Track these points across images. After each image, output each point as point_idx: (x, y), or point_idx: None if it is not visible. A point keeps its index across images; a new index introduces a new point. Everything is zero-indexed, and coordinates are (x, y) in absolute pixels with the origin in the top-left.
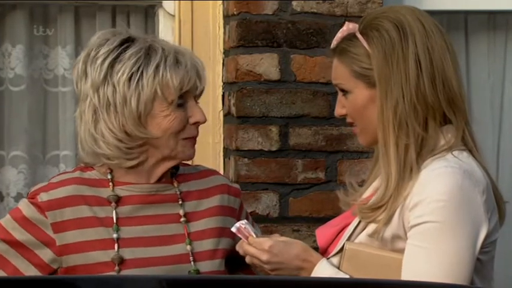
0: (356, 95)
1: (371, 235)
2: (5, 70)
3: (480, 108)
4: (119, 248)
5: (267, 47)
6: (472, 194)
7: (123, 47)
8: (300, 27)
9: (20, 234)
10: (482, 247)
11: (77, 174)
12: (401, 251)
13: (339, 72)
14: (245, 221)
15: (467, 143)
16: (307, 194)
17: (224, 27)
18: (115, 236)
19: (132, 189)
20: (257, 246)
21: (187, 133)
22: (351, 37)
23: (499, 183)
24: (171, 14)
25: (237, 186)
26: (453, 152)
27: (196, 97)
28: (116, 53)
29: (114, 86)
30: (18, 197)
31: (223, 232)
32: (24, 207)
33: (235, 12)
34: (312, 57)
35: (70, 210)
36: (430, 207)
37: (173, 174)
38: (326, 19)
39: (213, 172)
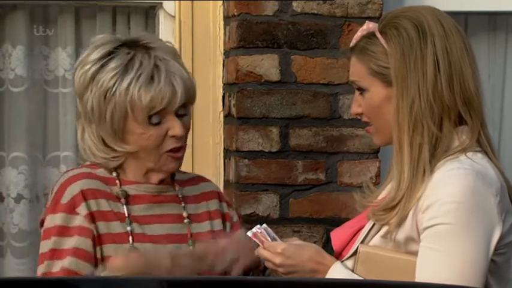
0: (372, 93)
1: (384, 236)
2: (6, 71)
3: None
4: (133, 241)
5: (268, 48)
6: (485, 195)
7: (108, 57)
8: (301, 28)
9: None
10: (496, 249)
11: (89, 169)
12: (415, 253)
13: (357, 70)
14: (265, 225)
15: (483, 145)
16: (307, 195)
17: (224, 28)
18: (129, 228)
19: (139, 189)
20: (271, 250)
21: (166, 146)
22: (370, 36)
23: None
24: (171, 15)
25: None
26: (467, 154)
27: (181, 108)
28: (100, 64)
29: (92, 100)
30: (18, 198)
31: (221, 235)
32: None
33: (235, 13)
34: (312, 58)
35: (94, 203)
36: (443, 209)
37: (172, 177)
38: (326, 20)
39: (204, 179)
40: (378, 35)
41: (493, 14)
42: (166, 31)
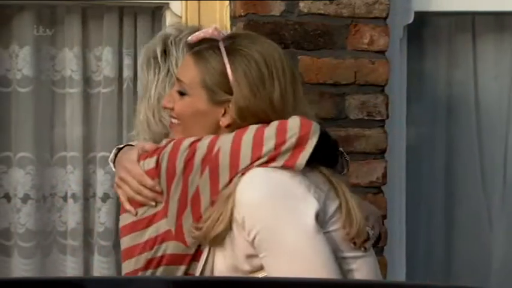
0: (194, 103)
1: (225, 261)
2: (13, 71)
3: (487, 110)
4: None
5: None
6: (280, 182)
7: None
8: (307, 29)
9: None
10: (326, 221)
11: None
12: (260, 266)
13: (190, 75)
14: None
15: None
16: None
17: (231, 28)
18: None
19: None
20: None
21: None
22: (213, 45)
23: (506, 190)
24: (178, 15)
25: None
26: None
27: None
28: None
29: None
30: (25, 198)
31: None
32: None
33: (242, 13)
34: (319, 58)
35: None
36: (251, 220)
37: None
38: (333, 20)
39: None
40: (224, 53)
41: (499, 14)
42: None
